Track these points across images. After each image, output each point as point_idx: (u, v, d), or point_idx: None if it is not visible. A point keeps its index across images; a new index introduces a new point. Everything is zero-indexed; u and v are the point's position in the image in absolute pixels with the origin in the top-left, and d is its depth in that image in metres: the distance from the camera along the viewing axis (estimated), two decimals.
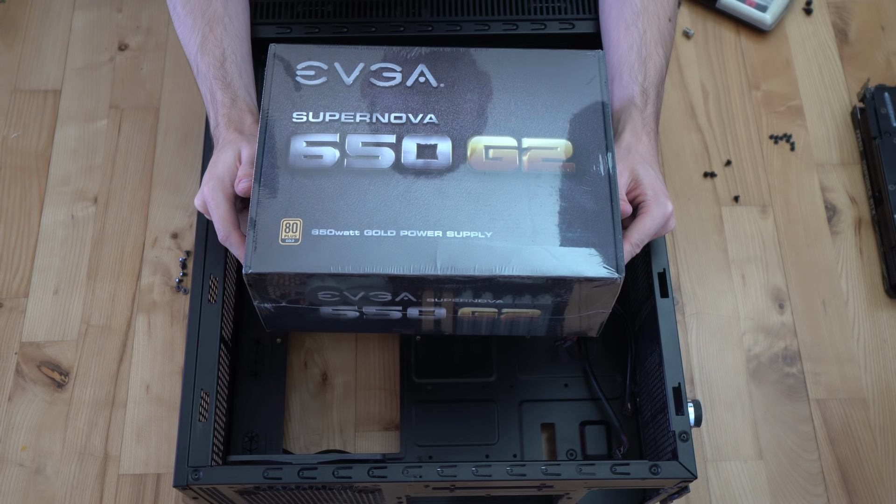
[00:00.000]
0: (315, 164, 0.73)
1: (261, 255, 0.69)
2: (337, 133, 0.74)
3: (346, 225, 0.70)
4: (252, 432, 0.93)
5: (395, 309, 0.75)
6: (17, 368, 1.01)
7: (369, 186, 0.72)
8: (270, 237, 0.70)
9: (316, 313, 0.76)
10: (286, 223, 0.70)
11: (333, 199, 0.71)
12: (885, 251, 1.08)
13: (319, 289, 0.72)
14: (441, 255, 0.69)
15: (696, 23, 1.23)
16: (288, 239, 0.70)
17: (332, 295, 0.73)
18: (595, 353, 0.96)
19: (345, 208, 0.71)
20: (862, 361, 1.04)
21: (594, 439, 0.93)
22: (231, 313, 0.89)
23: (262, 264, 0.69)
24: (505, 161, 0.74)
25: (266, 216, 0.71)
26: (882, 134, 1.11)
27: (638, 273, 0.88)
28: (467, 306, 0.75)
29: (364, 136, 0.74)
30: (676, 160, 1.14)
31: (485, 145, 0.74)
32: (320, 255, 0.69)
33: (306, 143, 0.74)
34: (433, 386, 0.96)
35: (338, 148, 0.74)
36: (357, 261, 0.69)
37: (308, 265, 0.69)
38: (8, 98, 1.16)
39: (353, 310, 0.76)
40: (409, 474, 0.73)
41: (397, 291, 0.72)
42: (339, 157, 0.73)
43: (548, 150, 0.74)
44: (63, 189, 1.11)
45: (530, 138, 0.75)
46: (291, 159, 0.73)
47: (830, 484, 0.98)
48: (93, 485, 0.96)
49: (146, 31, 1.20)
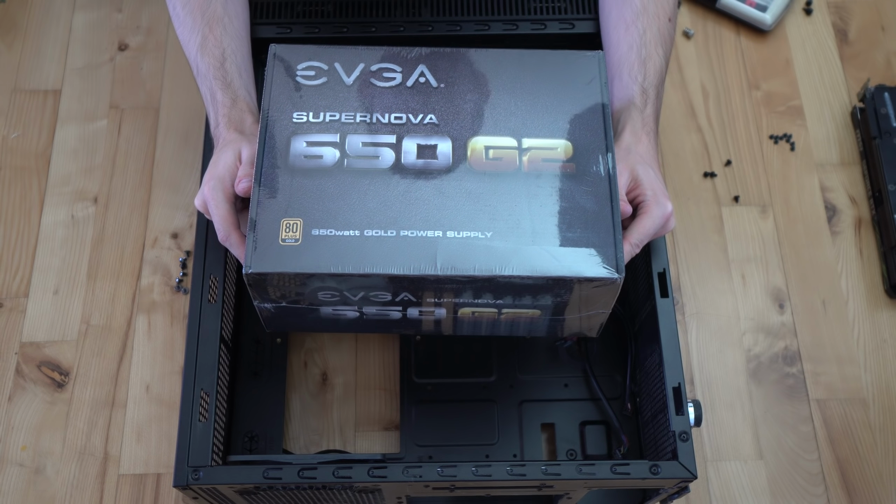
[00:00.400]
0: (315, 165, 0.73)
1: (261, 255, 0.69)
2: (337, 133, 0.74)
3: (346, 225, 0.70)
4: (252, 432, 0.93)
5: (395, 309, 0.75)
6: (17, 368, 1.01)
7: (369, 186, 0.72)
8: (271, 237, 0.70)
9: (316, 313, 0.76)
10: (286, 223, 0.70)
11: (333, 198, 0.72)
12: (885, 251, 1.08)
13: (319, 289, 0.72)
14: (441, 255, 0.70)
15: (696, 23, 1.23)
16: (288, 239, 0.70)
17: (333, 295, 0.73)
18: (595, 353, 0.96)
19: (345, 208, 0.71)
20: (862, 361, 1.04)
21: (594, 439, 0.93)
22: (231, 313, 0.89)
23: (263, 264, 0.69)
24: (505, 161, 0.74)
25: (266, 216, 0.71)
26: (882, 134, 1.11)
27: (638, 273, 0.88)
28: (467, 306, 0.75)
29: (364, 137, 0.74)
30: (676, 160, 1.14)
31: (485, 145, 0.74)
32: (320, 255, 0.69)
33: (306, 144, 0.74)
34: (433, 386, 0.96)
35: (338, 148, 0.74)
36: (357, 261, 0.69)
37: (308, 265, 0.69)
38: (8, 98, 1.16)
39: (354, 310, 0.76)
40: (409, 474, 0.73)
41: (397, 291, 0.72)
42: (339, 158, 0.73)
43: (548, 150, 0.74)
44: (63, 189, 1.11)
45: (530, 139, 0.75)
46: (291, 159, 0.73)
47: (830, 484, 0.98)
48: (93, 485, 0.96)
49: (146, 31, 1.20)
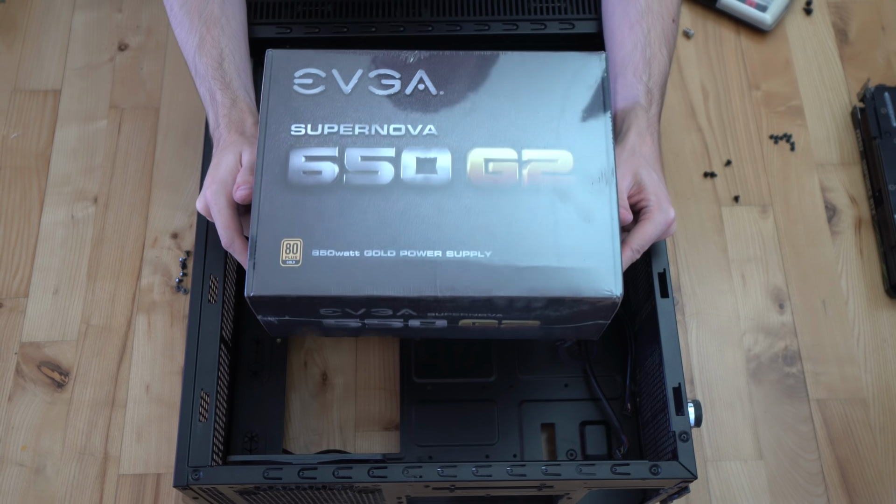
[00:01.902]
0: (314, 181, 0.73)
1: (262, 277, 0.70)
2: (336, 147, 0.74)
3: (346, 245, 0.71)
4: (252, 432, 0.93)
5: (396, 321, 0.76)
6: (17, 368, 1.01)
7: (369, 203, 0.72)
8: (271, 259, 0.70)
9: (319, 325, 0.77)
10: (287, 244, 0.71)
11: (333, 217, 0.72)
12: (885, 251, 1.08)
13: (321, 306, 0.72)
14: (440, 276, 0.70)
15: (696, 23, 1.23)
16: (289, 260, 0.70)
17: (334, 311, 0.73)
18: (595, 353, 0.96)
19: (345, 227, 0.71)
20: (862, 361, 1.04)
21: (594, 439, 0.93)
22: (231, 313, 0.89)
23: (264, 287, 0.70)
24: (505, 175, 0.73)
25: (266, 236, 0.71)
26: (882, 134, 1.11)
27: (638, 273, 0.88)
28: (468, 318, 0.75)
29: (363, 150, 0.74)
30: (676, 160, 1.14)
31: (484, 158, 0.74)
32: (321, 277, 0.70)
33: (305, 158, 0.74)
34: (433, 386, 0.96)
35: (337, 163, 0.73)
36: (357, 283, 0.70)
37: (309, 287, 0.70)
38: (8, 98, 1.16)
39: (356, 321, 0.76)
40: (409, 474, 0.73)
41: (398, 308, 0.73)
42: (338, 173, 0.73)
43: (548, 162, 0.74)
44: (63, 189, 1.11)
45: (530, 150, 0.74)
46: (290, 175, 0.73)
47: (830, 484, 0.98)
48: (93, 485, 0.96)
49: (146, 31, 1.20)
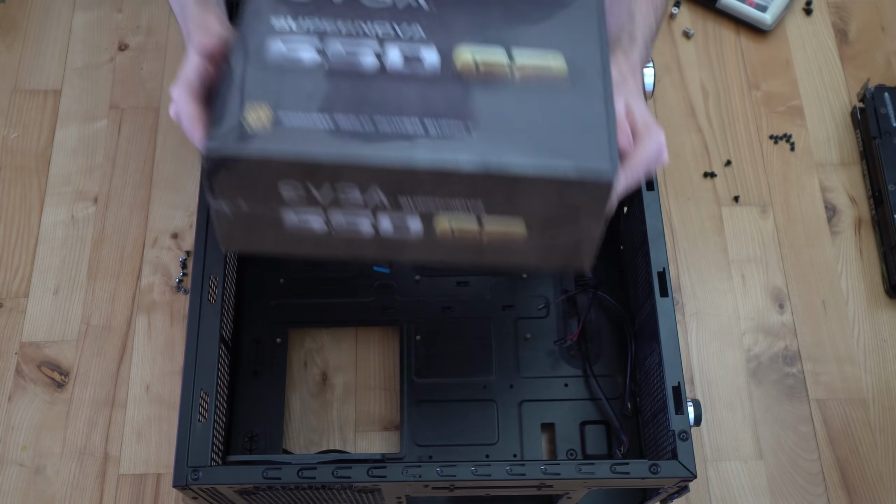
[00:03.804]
0: (293, 65, 0.69)
1: (223, 133, 0.65)
2: (319, 38, 0.71)
3: (319, 114, 0.67)
4: (252, 432, 0.93)
5: (365, 216, 0.71)
6: (17, 368, 1.01)
7: (349, 86, 0.69)
8: (236, 119, 0.66)
9: (279, 224, 0.72)
10: (254, 107, 0.67)
11: (309, 93, 0.68)
12: (885, 251, 1.08)
13: (283, 178, 0.68)
14: (419, 148, 0.66)
15: (696, 23, 1.23)
16: (255, 125, 0.66)
17: (297, 189, 0.69)
18: (595, 353, 0.96)
19: (321, 101, 0.68)
20: (862, 361, 1.04)
21: (594, 439, 0.93)
22: (231, 313, 0.89)
23: (225, 145, 0.65)
24: (495, 71, 0.71)
25: (234, 96, 0.67)
26: (882, 134, 1.11)
27: (638, 273, 0.88)
28: (444, 213, 0.71)
29: (347, 44, 0.71)
30: (676, 160, 1.14)
31: (473, 56, 0.71)
32: (287, 141, 0.66)
33: (284, 46, 0.70)
34: (433, 386, 0.96)
35: (318, 52, 0.70)
36: (327, 148, 0.66)
37: (273, 150, 0.65)
38: (8, 98, 1.16)
39: (320, 217, 0.72)
40: (409, 474, 0.73)
41: (367, 185, 0.68)
42: (319, 61, 0.70)
43: (539, 59, 0.72)
44: (63, 189, 1.11)
45: (521, 49, 0.72)
46: (268, 57, 0.70)
47: (830, 484, 0.98)
48: (93, 485, 0.96)
49: (146, 31, 1.20)
